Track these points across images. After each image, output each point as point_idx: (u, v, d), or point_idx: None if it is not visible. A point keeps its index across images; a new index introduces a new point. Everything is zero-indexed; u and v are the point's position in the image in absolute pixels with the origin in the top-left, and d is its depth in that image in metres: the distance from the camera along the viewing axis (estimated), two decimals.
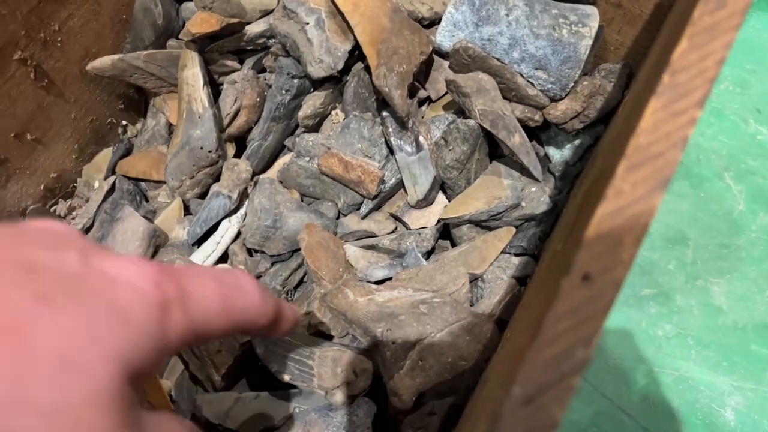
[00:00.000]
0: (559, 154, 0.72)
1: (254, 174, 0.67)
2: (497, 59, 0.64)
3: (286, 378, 0.52)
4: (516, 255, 0.62)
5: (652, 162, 0.26)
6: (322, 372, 0.51)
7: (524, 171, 0.65)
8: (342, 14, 0.63)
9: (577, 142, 0.71)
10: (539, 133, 0.71)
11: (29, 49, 0.60)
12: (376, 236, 0.65)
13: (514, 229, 0.62)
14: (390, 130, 0.63)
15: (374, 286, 0.57)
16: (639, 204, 0.25)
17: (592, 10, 0.65)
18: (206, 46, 0.67)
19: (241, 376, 0.59)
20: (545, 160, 0.72)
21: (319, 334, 0.57)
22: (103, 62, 0.66)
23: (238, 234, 0.65)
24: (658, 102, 0.27)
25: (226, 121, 0.68)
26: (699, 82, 0.27)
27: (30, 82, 0.62)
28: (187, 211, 0.69)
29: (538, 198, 0.63)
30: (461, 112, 0.67)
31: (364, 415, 0.53)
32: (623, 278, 0.25)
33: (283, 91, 0.66)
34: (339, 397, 0.52)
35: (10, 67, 0.59)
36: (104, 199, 0.71)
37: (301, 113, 0.66)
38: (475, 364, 0.52)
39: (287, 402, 0.54)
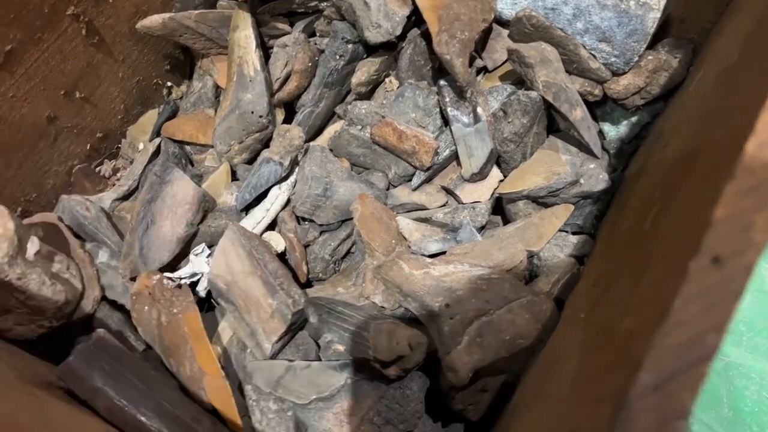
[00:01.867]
0: (614, 131, 0.70)
1: (305, 142, 0.66)
2: (560, 29, 0.62)
3: (341, 348, 0.52)
4: (573, 233, 0.61)
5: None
6: (378, 344, 0.50)
7: (582, 147, 0.63)
8: None
9: (634, 119, 0.69)
10: (595, 108, 0.69)
11: (82, 5, 0.58)
12: (427, 209, 0.63)
13: (572, 207, 0.60)
14: (447, 99, 0.61)
15: (429, 260, 0.56)
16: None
17: None
18: (257, 7, 0.65)
19: (290, 344, 0.59)
20: (600, 136, 0.70)
21: (371, 307, 0.57)
22: (153, 21, 0.64)
23: (288, 201, 0.64)
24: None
25: (275, 86, 0.66)
26: None
27: (81, 39, 0.61)
28: (233, 176, 0.68)
29: (596, 175, 0.61)
30: (519, 83, 0.65)
31: (418, 389, 0.52)
32: (755, 262, 0.23)
33: (337, 57, 0.65)
34: (393, 370, 0.51)
35: (62, 23, 0.58)
36: (149, 161, 0.70)
37: (354, 80, 0.64)
38: (532, 342, 0.51)
39: (339, 372, 0.53)
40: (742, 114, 0.30)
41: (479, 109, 0.61)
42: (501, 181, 0.63)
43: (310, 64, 0.66)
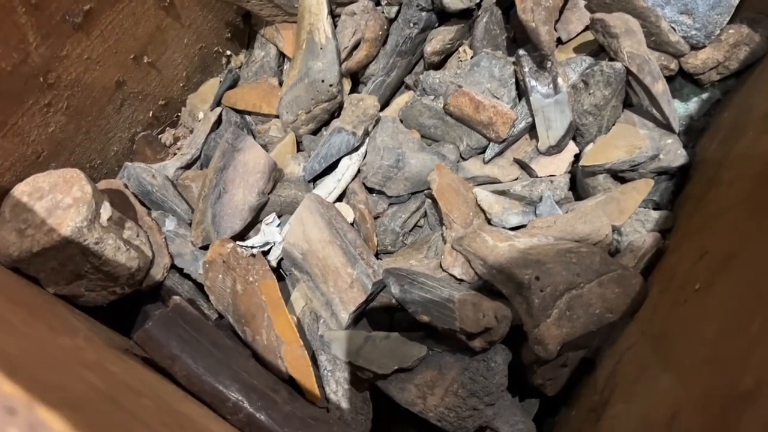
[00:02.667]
0: (683, 108, 0.68)
1: None
2: (641, 0, 0.60)
3: (425, 319, 0.51)
4: (654, 209, 0.60)
5: None
6: (464, 316, 0.50)
7: (657, 122, 0.61)
8: None
9: (705, 96, 0.68)
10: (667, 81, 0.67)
11: None
12: (500, 182, 0.62)
13: (652, 181, 0.59)
14: (526, 69, 0.59)
15: (511, 233, 0.55)
16: None
17: None
18: None
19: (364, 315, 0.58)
20: None
21: (449, 279, 0.56)
22: None
23: (358, 172, 0.63)
24: None
25: (343, 55, 0.65)
26: None
27: (153, 1, 0.59)
28: (298, 147, 0.67)
29: (674, 150, 0.60)
30: (595, 54, 0.63)
31: (502, 361, 0.51)
32: None
33: (411, 24, 0.63)
34: (479, 342, 0.50)
35: None
36: (211, 131, 0.69)
37: (429, 48, 0.63)
38: (620, 317, 0.50)
39: (420, 344, 0.52)
40: None
41: (560, 80, 0.59)
42: (576, 155, 0.62)
43: (380, 33, 0.65)
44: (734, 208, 0.43)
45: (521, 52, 0.60)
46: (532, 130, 0.62)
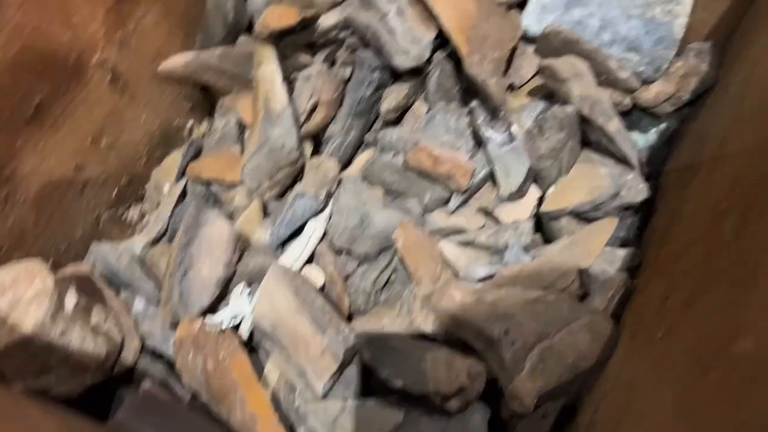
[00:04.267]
0: (644, 139, 0.69)
1: None
2: (588, 42, 0.61)
3: (399, 384, 0.50)
4: (620, 246, 0.60)
5: None
6: (437, 376, 0.49)
7: (617, 158, 0.62)
8: (424, 2, 0.61)
9: (663, 126, 0.68)
10: (623, 118, 0.68)
11: (107, 51, 0.58)
12: (466, 232, 0.62)
13: (616, 220, 0.59)
14: (480, 121, 0.60)
15: (479, 286, 0.55)
16: None
17: None
18: (281, 39, 0.65)
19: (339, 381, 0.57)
20: None
21: (422, 338, 0.55)
22: (175, 62, 0.64)
23: (324, 234, 0.62)
24: None
25: (302, 119, 0.65)
26: None
27: (106, 87, 0.60)
28: (264, 212, 0.67)
29: (635, 186, 0.60)
30: (547, 98, 0.64)
31: (480, 420, 0.51)
32: None
33: (365, 85, 0.64)
34: (455, 402, 0.49)
35: (88, 72, 0.57)
36: (177, 204, 0.69)
37: (384, 106, 0.63)
38: (593, 363, 0.50)
39: (396, 409, 0.51)
40: None
41: (514, 127, 0.60)
42: (539, 198, 0.62)
43: (336, 94, 0.65)
44: (692, 247, 0.43)
45: (474, 103, 0.60)
46: (493, 177, 0.62)
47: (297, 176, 0.66)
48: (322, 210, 0.62)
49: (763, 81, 0.48)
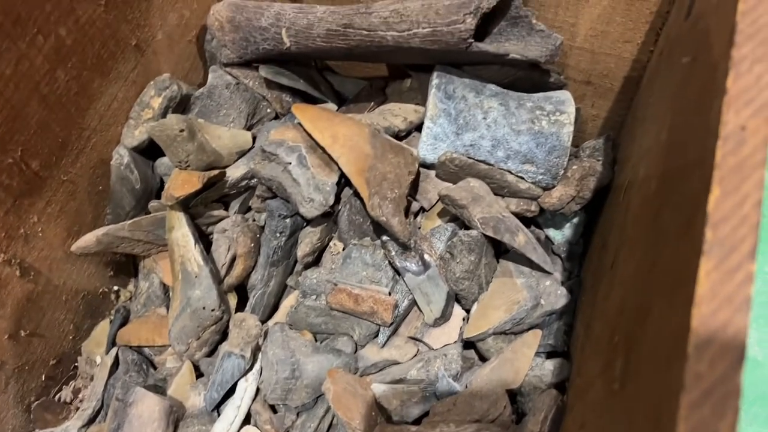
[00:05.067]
0: (560, 235, 0.71)
1: (262, 323, 0.65)
2: (483, 162, 0.63)
3: None
4: (547, 356, 0.60)
5: (722, 333, 0.25)
6: None
7: (533, 265, 0.63)
8: (323, 148, 0.63)
9: (575, 220, 0.71)
10: (536, 216, 0.70)
11: (11, 249, 0.58)
12: (399, 363, 0.62)
13: (540, 332, 0.60)
14: (393, 253, 0.61)
15: (414, 428, 0.54)
16: (724, 385, 0.24)
17: (565, 96, 0.65)
18: (190, 201, 0.66)
19: None
20: (547, 242, 0.71)
21: None
22: (87, 240, 0.64)
23: (257, 391, 0.62)
24: (709, 262, 0.26)
25: (222, 272, 0.66)
26: (744, 232, 0.26)
27: (17, 280, 0.59)
28: (197, 370, 0.66)
29: (554, 292, 0.62)
30: (456, 218, 0.66)
31: None
32: None
33: (278, 234, 0.65)
34: None
35: None
36: (110, 375, 0.67)
37: (300, 252, 0.64)
38: None
39: None
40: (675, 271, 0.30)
41: (426, 256, 0.61)
42: (464, 319, 0.63)
43: (252, 245, 0.66)
44: (596, 380, 0.44)
45: (384, 238, 0.62)
46: (418, 305, 0.63)
47: (225, 331, 0.66)
48: (251, 367, 0.61)
49: (642, 188, 0.50)
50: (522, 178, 0.64)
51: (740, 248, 0.26)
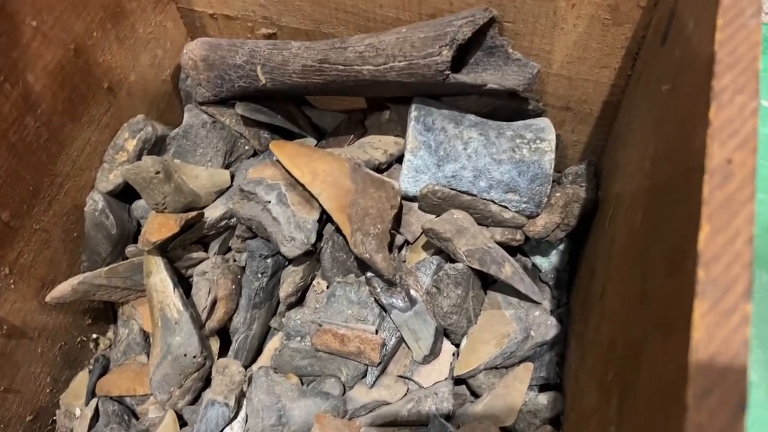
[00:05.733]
0: (547, 262, 0.70)
1: (245, 367, 0.63)
2: (466, 192, 0.63)
3: None
4: (540, 390, 0.59)
5: (721, 380, 0.23)
6: None
7: (522, 295, 0.62)
8: (303, 185, 0.62)
9: (561, 246, 0.70)
10: (522, 245, 0.69)
11: None
12: (390, 403, 0.60)
13: (531, 365, 0.59)
14: (378, 290, 0.60)
15: None
16: None
17: (544, 123, 0.65)
18: (168, 244, 0.64)
19: None
20: (535, 270, 0.70)
21: None
22: (62, 290, 0.62)
23: None
24: (704, 303, 0.25)
25: (203, 316, 0.64)
26: (738, 270, 0.25)
27: None
28: (181, 419, 0.64)
29: (544, 322, 0.61)
30: (441, 251, 0.65)
31: None
32: None
33: (259, 275, 0.63)
34: None
35: None
36: (90, 428, 0.65)
37: (282, 293, 0.63)
38: None
39: None
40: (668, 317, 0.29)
41: (412, 291, 0.60)
42: (454, 354, 0.61)
43: (233, 287, 0.64)
44: (593, 416, 0.42)
45: (369, 274, 0.60)
46: (406, 341, 0.61)
47: (208, 377, 0.64)
48: (236, 415, 0.59)
49: (627, 218, 0.49)
50: (506, 207, 0.64)
51: (734, 288, 0.25)
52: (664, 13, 0.48)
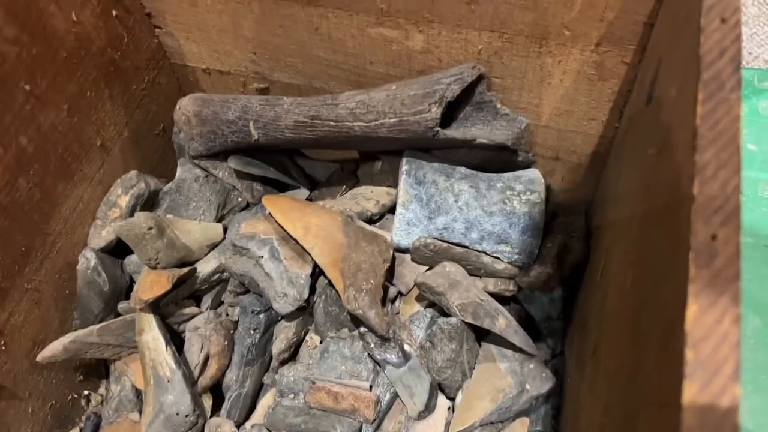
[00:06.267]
0: (541, 311, 0.70)
1: (239, 426, 0.62)
2: (458, 244, 0.63)
3: None
4: None
5: None
6: None
7: (516, 347, 0.62)
8: (295, 239, 0.62)
9: (555, 296, 0.70)
10: (516, 295, 0.69)
11: None
12: None
13: (527, 420, 0.58)
14: (372, 345, 0.60)
15: None
16: None
17: (534, 174, 0.65)
18: (159, 302, 0.64)
19: None
20: (529, 319, 0.70)
21: None
22: (53, 349, 0.61)
23: None
24: (693, 386, 0.25)
25: (196, 372, 0.63)
26: (726, 351, 0.25)
27: None
28: None
29: (539, 375, 0.60)
30: (435, 303, 0.65)
31: None
32: None
33: (251, 331, 0.63)
34: None
35: None
36: None
37: (275, 350, 0.62)
38: None
39: None
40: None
41: (406, 346, 0.60)
42: (449, 408, 0.61)
43: (226, 342, 0.64)
44: None
45: (362, 329, 0.60)
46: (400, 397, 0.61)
47: None
48: None
49: (617, 279, 0.49)
50: (498, 258, 0.64)
51: (723, 370, 0.25)
52: (648, 71, 0.49)
